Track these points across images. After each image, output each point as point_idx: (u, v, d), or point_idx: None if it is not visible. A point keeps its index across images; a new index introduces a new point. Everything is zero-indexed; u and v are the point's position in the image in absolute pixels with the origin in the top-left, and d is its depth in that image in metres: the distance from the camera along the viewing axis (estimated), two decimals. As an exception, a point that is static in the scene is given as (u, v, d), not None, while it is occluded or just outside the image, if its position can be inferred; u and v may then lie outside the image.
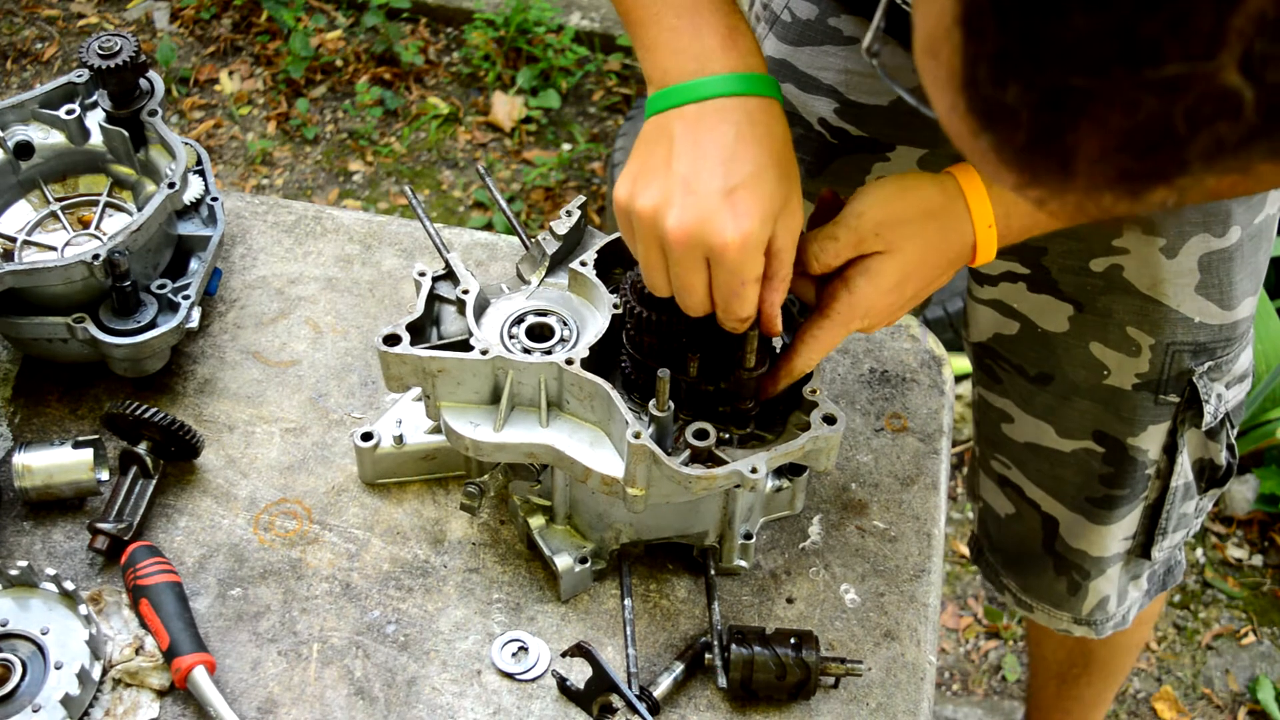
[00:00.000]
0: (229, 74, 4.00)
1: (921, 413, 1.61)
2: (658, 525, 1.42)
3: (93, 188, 1.67)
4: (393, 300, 1.70)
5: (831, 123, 1.64)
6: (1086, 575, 1.84)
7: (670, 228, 1.15)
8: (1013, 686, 2.84)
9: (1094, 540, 1.79)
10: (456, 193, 3.75)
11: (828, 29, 1.59)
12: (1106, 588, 1.86)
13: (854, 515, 1.52)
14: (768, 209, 1.16)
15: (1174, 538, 1.81)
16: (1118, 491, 1.73)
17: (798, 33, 1.62)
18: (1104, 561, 1.82)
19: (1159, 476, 1.71)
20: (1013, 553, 1.92)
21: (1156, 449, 1.68)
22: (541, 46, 3.99)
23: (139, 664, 1.34)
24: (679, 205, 1.14)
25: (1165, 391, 1.62)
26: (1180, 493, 1.73)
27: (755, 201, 1.15)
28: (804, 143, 1.69)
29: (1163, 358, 1.59)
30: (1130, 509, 1.75)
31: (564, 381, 1.33)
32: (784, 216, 1.18)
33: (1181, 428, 1.66)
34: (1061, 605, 1.91)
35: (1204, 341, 1.58)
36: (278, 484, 1.52)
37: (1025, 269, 1.65)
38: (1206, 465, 1.73)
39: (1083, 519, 1.78)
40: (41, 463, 1.45)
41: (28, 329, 1.52)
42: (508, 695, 1.36)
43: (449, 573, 1.45)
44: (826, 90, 1.63)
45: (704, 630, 1.41)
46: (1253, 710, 2.81)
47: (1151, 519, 1.76)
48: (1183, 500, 1.75)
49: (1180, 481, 1.72)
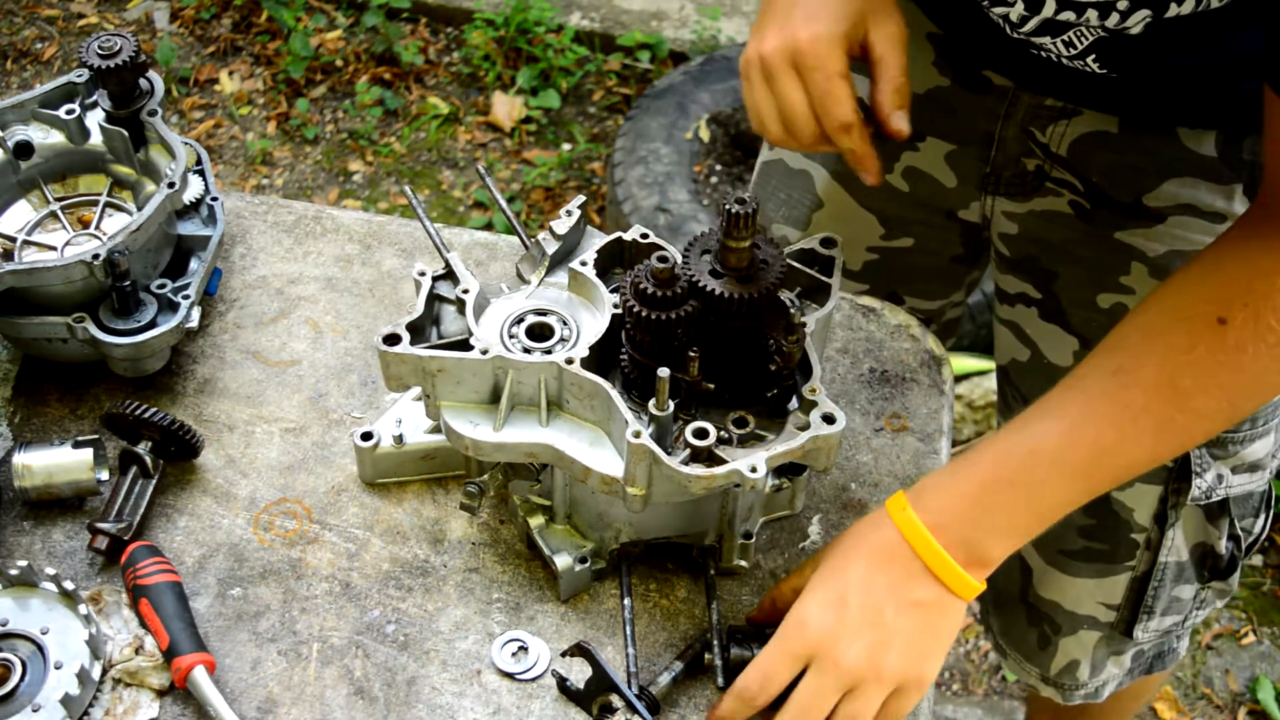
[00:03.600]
0: (229, 74, 4.00)
1: (921, 413, 1.61)
2: (658, 525, 1.42)
3: (93, 188, 1.67)
4: (393, 300, 1.70)
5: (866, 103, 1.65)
6: (1058, 630, 1.80)
7: (764, 52, 1.35)
8: (1013, 687, 2.84)
9: (1065, 592, 1.75)
10: (456, 193, 3.75)
11: None
12: (1077, 651, 1.81)
13: (854, 515, 1.52)
14: (837, 12, 1.33)
15: (1163, 621, 1.74)
16: (1096, 545, 1.68)
17: None
18: (1076, 619, 1.77)
19: (1148, 547, 1.66)
20: (997, 591, 1.89)
21: (1146, 514, 1.64)
22: (541, 46, 3.99)
23: (139, 664, 1.34)
24: (770, 34, 1.35)
25: None
26: (1171, 572, 1.68)
27: (823, 7, 1.33)
28: None
29: None
30: (1110, 571, 1.70)
31: (564, 381, 1.33)
32: (873, 23, 1.34)
33: (1174, 498, 1.61)
34: (1032, 658, 1.87)
35: None
36: (278, 484, 1.52)
37: (1038, 293, 1.64)
38: (1207, 552, 1.67)
39: (1054, 570, 1.74)
40: (41, 462, 1.45)
41: (28, 329, 1.52)
42: (508, 695, 1.36)
43: (449, 572, 1.45)
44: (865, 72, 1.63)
45: (704, 630, 1.41)
46: (1253, 710, 2.81)
47: (1137, 593, 1.71)
48: (1175, 582, 1.69)
49: (1171, 558, 1.66)
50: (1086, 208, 1.56)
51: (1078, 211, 1.58)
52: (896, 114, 1.37)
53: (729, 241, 1.29)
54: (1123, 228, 1.54)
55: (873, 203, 1.75)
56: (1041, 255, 1.64)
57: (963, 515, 1.26)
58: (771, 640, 1.28)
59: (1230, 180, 1.47)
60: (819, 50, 1.32)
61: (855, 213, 1.77)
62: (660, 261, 1.28)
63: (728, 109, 3.43)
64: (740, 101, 3.44)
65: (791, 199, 1.82)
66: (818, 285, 1.43)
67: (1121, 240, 1.54)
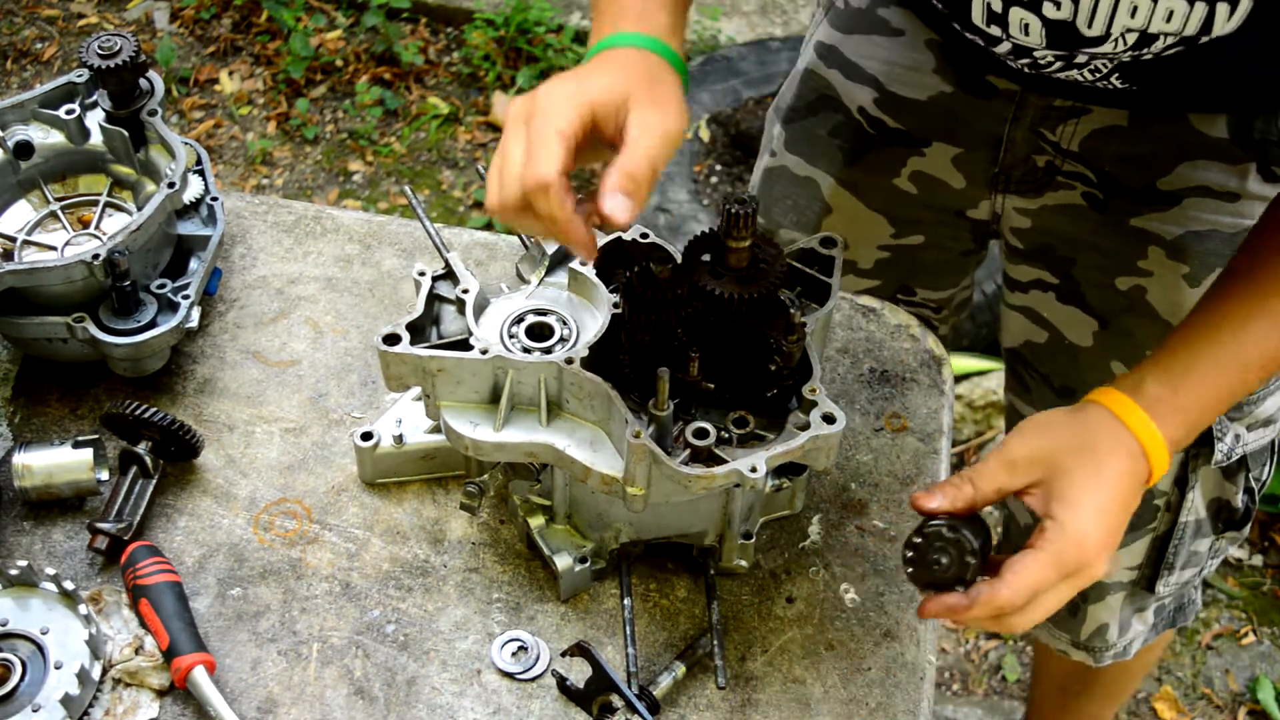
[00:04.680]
0: (229, 74, 4.00)
1: (921, 412, 1.61)
2: (657, 525, 1.42)
3: (93, 188, 1.67)
4: (393, 300, 1.70)
5: (870, 112, 1.65)
6: (1085, 597, 1.82)
7: (511, 106, 1.24)
8: (1013, 686, 2.84)
9: None
10: (456, 193, 3.75)
11: (876, 19, 1.61)
12: (1105, 615, 1.83)
13: (854, 515, 1.52)
14: (602, 82, 1.22)
15: (1182, 575, 1.77)
16: None
17: (848, 20, 1.64)
18: (1103, 587, 1.79)
19: (1168, 509, 1.68)
20: None
21: (1166, 479, 1.65)
22: (541, 46, 3.99)
23: (139, 664, 1.34)
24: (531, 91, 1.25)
25: None
26: (1190, 529, 1.70)
27: (573, 78, 1.23)
28: (843, 130, 1.71)
29: None
30: (1134, 537, 1.72)
31: (564, 381, 1.33)
32: (635, 105, 1.20)
33: (1194, 462, 1.63)
34: (1061, 625, 1.89)
35: None
36: (278, 484, 1.52)
37: (1055, 279, 1.65)
38: (1223, 506, 1.69)
39: None
40: (41, 462, 1.45)
41: (28, 329, 1.52)
42: (507, 695, 1.36)
43: (449, 572, 1.46)
44: (868, 79, 1.64)
45: (704, 630, 1.41)
46: (1253, 710, 2.81)
47: (1159, 551, 1.74)
48: (1194, 537, 1.72)
49: (1190, 518, 1.69)
50: (1100, 198, 1.57)
51: (1091, 202, 1.58)
52: (614, 195, 1.19)
53: (729, 241, 1.29)
54: (1138, 214, 1.54)
55: (881, 206, 1.75)
56: (1057, 245, 1.64)
57: (1187, 431, 1.28)
58: (1043, 555, 1.22)
59: (1243, 160, 1.47)
60: (551, 105, 1.20)
61: (864, 215, 1.76)
62: (660, 261, 1.28)
63: (728, 109, 3.43)
64: (740, 101, 3.44)
65: (799, 205, 1.81)
66: (818, 285, 1.43)
67: (1137, 226, 1.55)
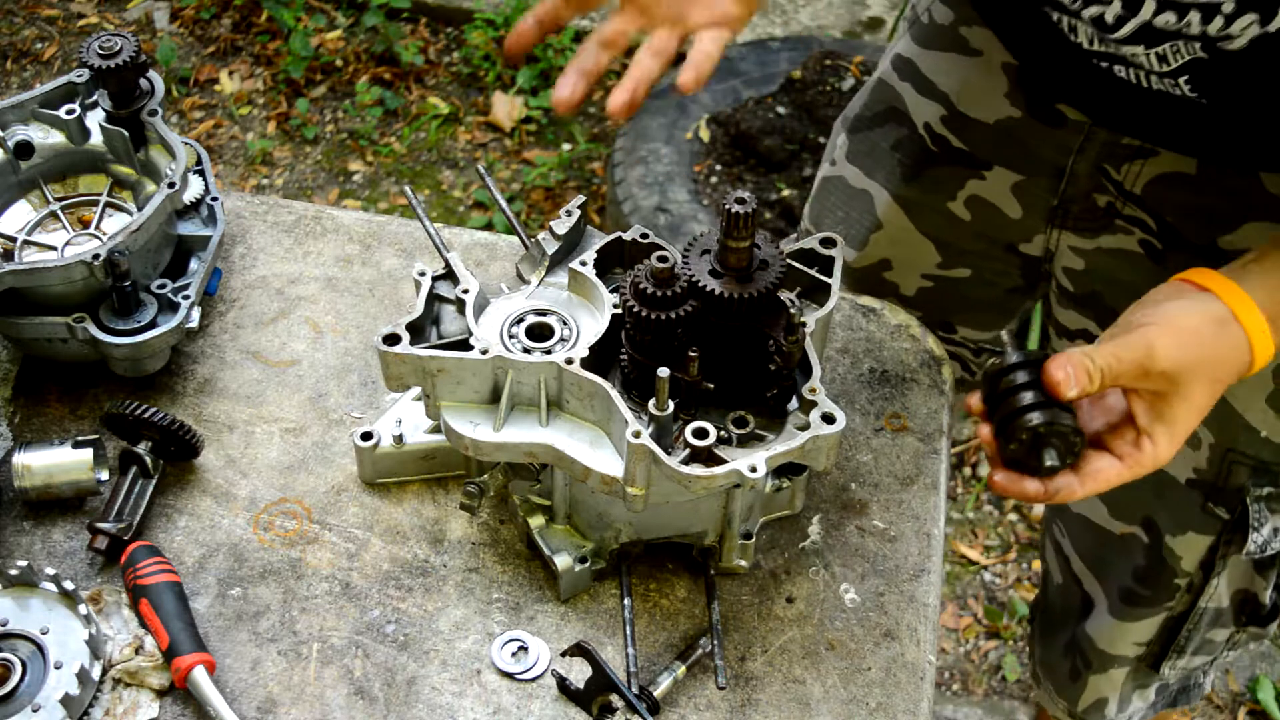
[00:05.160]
0: (229, 74, 4.00)
1: (921, 413, 1.61)
2: (658, 525, 1.42)
3: (93, 188, 1.67)
4: (393, 300, 1.70)
5: (935, 129, 1.64)
6: (1089, 665, 1.79)
7: None
8: (1013, 687, 2.84)
9: (1103, 633, 1.75)
10: (456, 193, 3.75)
11: (957, 37, 1.60)
12: (1106, 688, 1.80)
13: (854, 515, 1.52)
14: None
15: (1192, 660, 1.73)
16: (1142, 590, 1.67)
17: (930, 36, 1.63)
18: (1108, 659, 1.76)
19: (1189, 591, 1.64)
20: (1053, 621, 1.88)
21: (1193, 561, 1.61)
22: (541, 46, 3.99)
23: (139, 664, 1.34)
24: None
25: (1215, 501, 1.55)
26: (1209, 616, 1.66)
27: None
28: (905, 144, 1.69)
29: (1220, 463, 1.52)
30: (1150, 614, 1.69)
31: (564, 381, 1.33)
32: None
33: (1225, 548, 1.58)
34: (1062, 691, 1.87)
35: (1267, 461, 1.50)
36: (278, 484, 1.52)
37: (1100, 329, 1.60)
38: (1249, 599, 1.65)
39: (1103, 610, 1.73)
40: (41, 463, 1.45)
41: (28, 329, 1.52)
42: (507, 695, 1.36)
43: (449, 572, 1.45)
44: (939, 96, 1.63)
45: (704, 630, 1.41)
46: (1253, 710, 2.81)
47: (1170, 631, 1.70)
48: (1211, 625, 1.68)
49: (1211, 604, 1.65)
50: (1158, 248, 1.52)
51: (1148, 251, 1.53)
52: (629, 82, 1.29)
53: (729, 241, 1.29)
54: None
55: (932, 230, 1.73)
56: (1106, 292, 1.60)
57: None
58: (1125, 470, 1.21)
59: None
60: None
61: (913, 238, 1.74)
62: (660, 261, 1.28)
63: (728, 109, 3.43)
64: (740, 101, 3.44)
65: (850, 218, 1.79)
66: (818, 285, 1.43)
67: None
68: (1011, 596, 2.95)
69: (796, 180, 3.28)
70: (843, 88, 3.39)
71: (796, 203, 3.21)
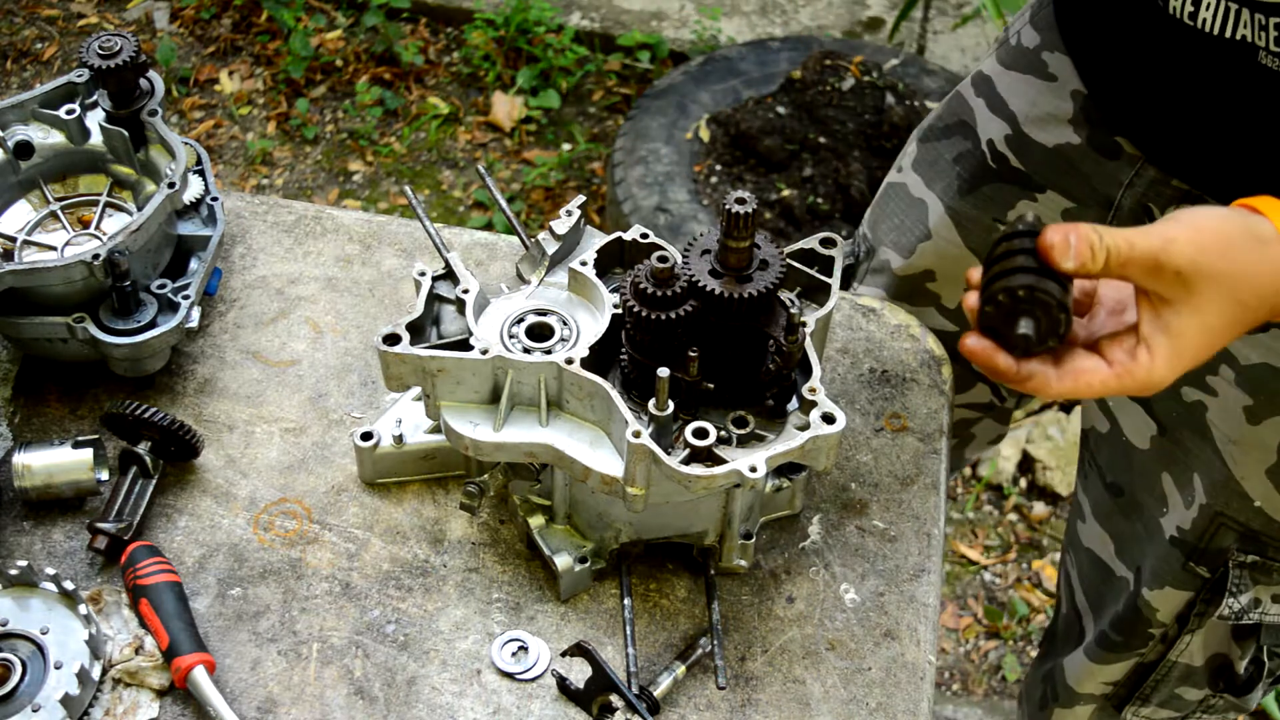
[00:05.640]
0: (229, 74, 4.00)
1: (921, 413, 1.61)
2: (658, 525, 1.42)
3: (93, 188, 1.67)
4: (393, 300, 1.70)
5: (997, 146, 1.64)
6: (1056, 698, 1.80)
7: None
8: (1013, 686, 2.84)
9: (1074, 670, 1.75)
10: (456, 193, 3.75)
11: (1038, 61, 1.59)
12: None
13: (854, 515, 1.52)
14: None
15: (1158, 712, 1.72)
16: (1116, 636, 1.67)
17: (1013, 57, 1.63)
18: (1075, 696, 1.77)
19: (1163, 641, 1.63)
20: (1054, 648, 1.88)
21: (1169, 613, 1.60)
22: (541, 46, 3.99)
23: (139, 664, 1.34)
24: None
25: (1197, 560, 1.54)
26: (1178, 672, 1.65)
27: None
28: (966, 158, 1.69)
29: (1206, 524, 1.50)
30: (1120, 657, 1.69)
31: (564, 381, 1.33)
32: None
33: (1202, 606, 1.56)
34: (1033, 716, 1.87)
35: (1257, 530, 1.48)
36: (278, 484, 1.52)
37: None
38: (1225, 666, 1.63)
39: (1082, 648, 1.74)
40: (41, 463, 1.45)
41: (28, 329, 1.52)
42: (507, 695, 1.36)
43: (449, 572, 1.46)
44: (1008, 115, 1.63)
45: (704, 630, 1.41)
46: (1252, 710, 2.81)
47: (1139, 677, 1.69)
48: (1180, 682, 1.66)
49: (1182, 659, 1.63)
50: None
51: None
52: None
53: (729, 241, 1.29)
54: None
55: (980, 246, 1.71)
56: None
57: None
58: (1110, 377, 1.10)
59: None
60: None
61: (960, 252, 1.73)
62: (660, 261, 1.28)
63: (728, 109, 3.43)
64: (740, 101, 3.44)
65: (904, 225, 1.79)
66: (818, 285, 1.43)
67: None
68: (1011, 596, 2.95)
69: (796, 180, 3.28)
70: (842, 88, 3.39)
71: (796, 203, 3.21)
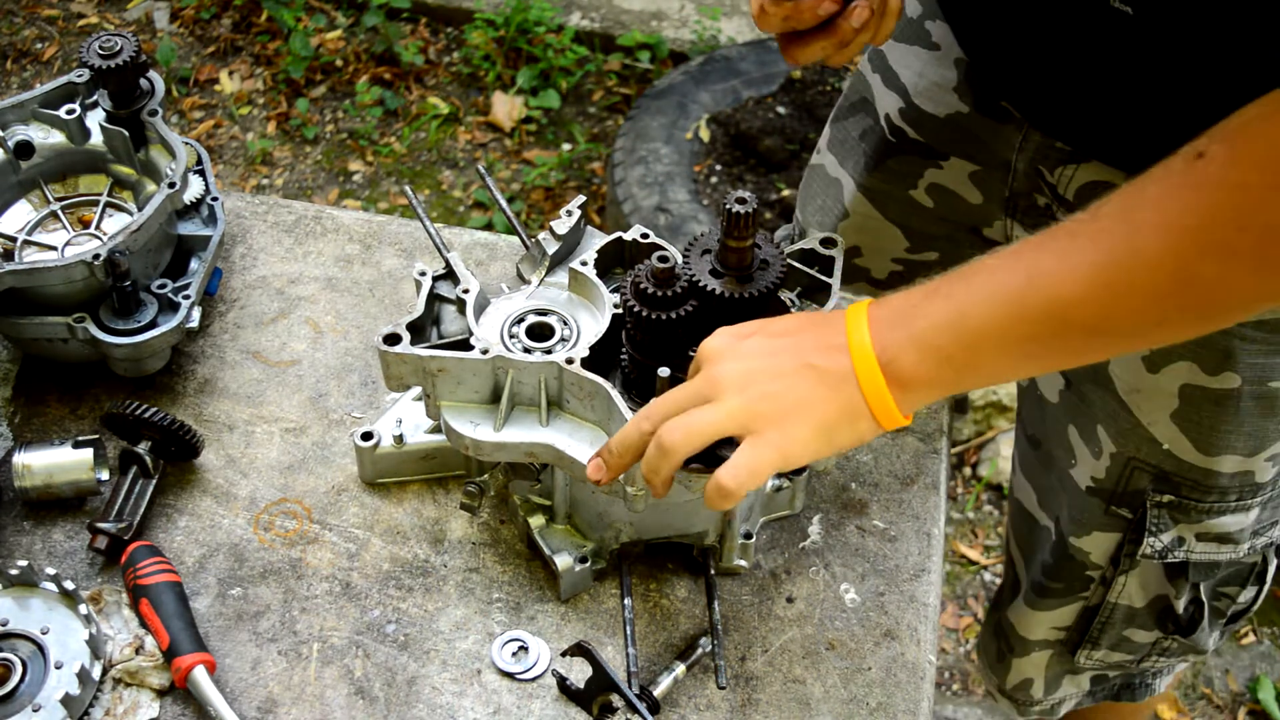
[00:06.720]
0: (229, 74, 4.00)
1: (921, 412, 1.61)
2: (658, 525, 1.42)
3: (93, 188, 1.67)
4: (393, 300, 1.70)
5: (894, 120, 1.66)
6: (1011, 650, 1.83)
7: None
8: (1013, 686, 2.84)
9: (1020, 619, 1.78)
10: (456, 193, 3.75)
11: (921, 30, 1.61)
12: (1030, 670, 1.83)
13: (854, 515, 1.52)
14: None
15: (1110, 655, 1.74)
16: (1051, 583, 1.70)
17: (900, 29, 1.64)
18: (1028, 644, 1.79)
19: (1103, 583, 1.67)
20: (999, 599, 1.92)
21: (1102, 555, 1.63)
22: (541, 46, 3.99)
23: (139, 664, 1.34)
24: None
25: (1118, 504, 1.57)
26: (1121, 613, 1.68)
27: None
28: (870, 134, 1.72)
29: (1120, 470, 1.54)
30: (1063, 603, 1.71)
31: (564, 381, 1.33)
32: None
33: (1130, 547, 1.60)
34: (992, 668, 1.90)
35: (1169, 471, 1.52)
36: (278, 484, 1.52)
37: None
38: (1166, 609, 1.66)
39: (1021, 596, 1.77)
40: (41, 462, 1.46)
41: (28, 329, 1.52)
42: (508, 695, 1.36)
43: (449, 572, 1.46)
44: (899, 88, 1.65)
45: (704, 630, 1.41)
46: (1253, 710, 2.81)
47: (1086, 621, 1.72)
48: (1126, 624, 1.69)
49: (1122, 601, 1.66)
50: None
51: None
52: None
53: (729, 241, 1.29)
54: None
55: (898, 217, 1.74)
56: None
57: (896, 316, 1.15)
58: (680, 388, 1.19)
59: None
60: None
61: (881, 226, 1.76)
62: (660, 261, 1.28)
63: (728, 109, 3.43)
64: (740, 101, 3.44)
65: (825, 205, 1.82)
66: (818, 285, 1.43)
67: None
68: (1011, 596, 2.95)
69: (796, 180, 3.28)
70: (843, 87, 3.39)
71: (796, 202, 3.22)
